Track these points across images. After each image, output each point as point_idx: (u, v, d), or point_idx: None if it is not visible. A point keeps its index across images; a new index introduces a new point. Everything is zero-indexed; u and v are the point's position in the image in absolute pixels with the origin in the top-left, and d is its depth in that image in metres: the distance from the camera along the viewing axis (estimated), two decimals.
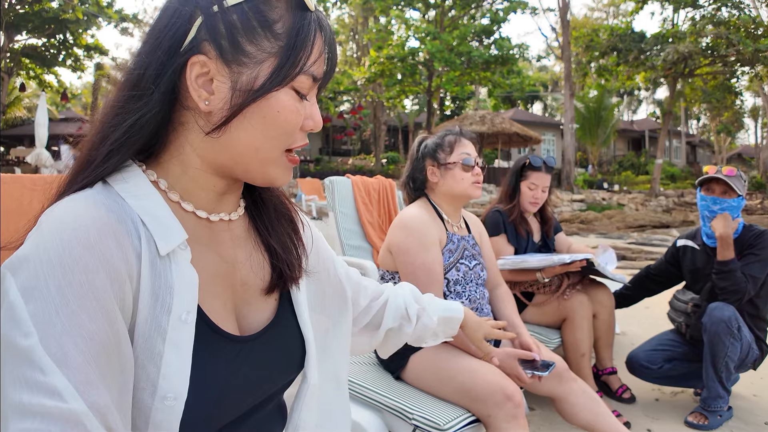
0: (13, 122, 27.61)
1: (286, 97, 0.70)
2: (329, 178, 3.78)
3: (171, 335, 0.63)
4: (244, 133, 0.69)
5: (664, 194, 21.67)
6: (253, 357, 0.75)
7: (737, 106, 29.47)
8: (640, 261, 7.67)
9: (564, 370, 1.91)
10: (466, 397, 1.65)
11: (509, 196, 2.94)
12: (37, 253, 0.55)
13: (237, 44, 0.67)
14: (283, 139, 0.72)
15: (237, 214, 0.81)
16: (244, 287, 0.79)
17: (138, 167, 0.71)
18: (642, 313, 4.58)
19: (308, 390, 0.84)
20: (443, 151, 2.00)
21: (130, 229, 0.64)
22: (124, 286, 0.60)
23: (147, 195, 0.68)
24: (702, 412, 2.59)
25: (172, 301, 0.64)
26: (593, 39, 23.02)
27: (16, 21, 19.72)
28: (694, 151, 41.93)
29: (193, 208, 0.74)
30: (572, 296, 2.71)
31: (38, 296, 0.53)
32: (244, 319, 0.78)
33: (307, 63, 0.70)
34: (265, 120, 0.69)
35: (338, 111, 27.38)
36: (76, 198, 0.63)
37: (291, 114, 0.71)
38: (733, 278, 2.50)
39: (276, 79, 0.68)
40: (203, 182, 0.74)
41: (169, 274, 0.65)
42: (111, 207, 0.63)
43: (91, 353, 0.54)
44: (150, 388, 0.62)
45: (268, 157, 0.72)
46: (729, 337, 2.47)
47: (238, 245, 0.80)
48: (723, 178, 2.59)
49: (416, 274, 1.82)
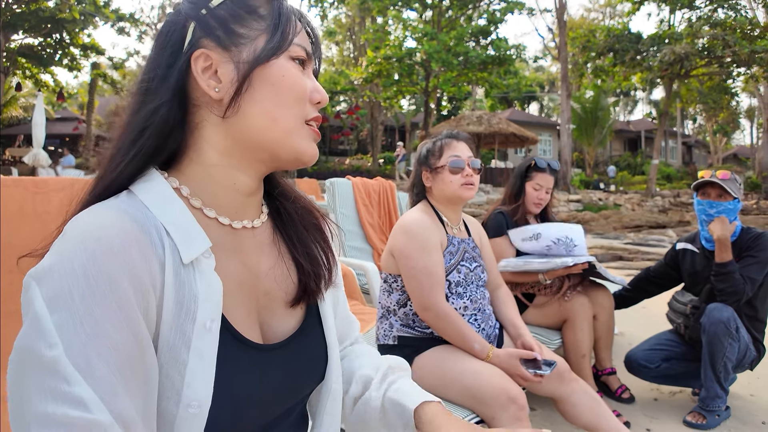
0: (9, 122, 27.52)
1: (287, 63, 0.73)
2: (330, 180, 3.79)
3: (195, 343, 0.63)
4: (258, 106, 0.72)
5: (660, 194, 21.73)
6: (276, 366, 0.75)
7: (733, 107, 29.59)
8: (637, 261, 7.70)
9: (565, 370, 1.94)
10: (470, 399, 1.68)
11: (514, 196, 2.96)
12: (61, 262, 0.56)
13: (230, 30, 0.72)
14: (297, 108, 0.74)
15: (260, 221, 0.81)
16: (268, 296, 0.79)
17: (160, 175, 0.72)
18: (640, 313, 4.62)
19: (330, 395, 0.85)
20: (433, 155, 2.02)
21: (154, 239, 0.64)
22: (148, 296, 0.60)
23: (170, 203, 0.69)
24: (700, 412, 2.62)
25: (197, 310, 0.64)
26: (590, 40, 23.07)
27: (12, 20, 19.64)
28: (690, 152, 42.06)
29: (216, 214, 0.74)
30: (573, 298, 2.73)
31: (63, 306, 0.53)
32: (268, 328, 0.78)
33: (294, 35, 0.74)
34: (273, 87, 0.72)
35: (335, 111, 27.37)
36: (100, 207, 0.64)
37: (296, 78, 0.74)
38: (731, 280, 2.53)
39: (272, 46, 0.72)
40: (225, 181, 0.74)
41: (193, 283, 0.66)
42: (135, 216, 0.63)
43: (115, 363, 0.54)
44: (174, 396, 0.62)
45: (288, 127, 0.73)
46: (727, 337, 2.50)
47: (262, 253, 0.80)
48: (717, 181, 2.62)
49: (418, 277, 1.84)
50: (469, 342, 1.80)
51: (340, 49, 32.54)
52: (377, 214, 4.00)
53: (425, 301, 1.82)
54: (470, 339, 1.80)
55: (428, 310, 1.83)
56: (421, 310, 1.85)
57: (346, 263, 3.15)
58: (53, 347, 0.52)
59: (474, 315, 1.94)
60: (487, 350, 1.80)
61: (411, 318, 1.93)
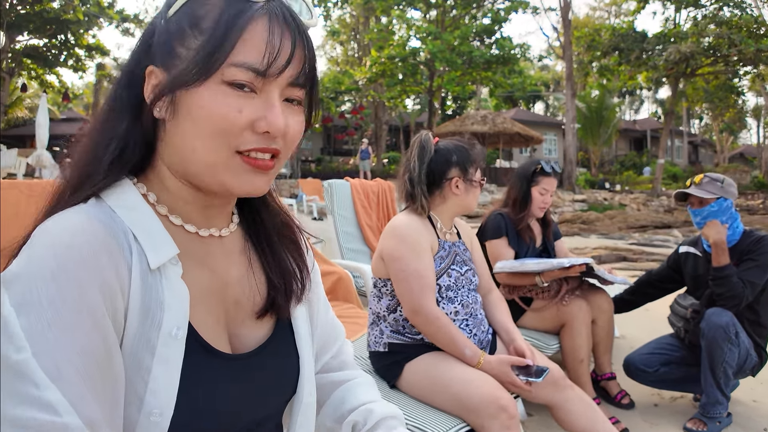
0: (14, 122, 27.67)
1: (209, 92, 0.63)
2: (328, 182, 3.78)
3: (160, 351, 0.63)
4: (179, 134, 0.67)
5: (666, 194, 21.63)
6: (244, 376, 0.73)
7: (739, 106, 29.45)
8: (642, 262, 7.65)
9: (560, 377, 1.90)
10: (460, 407, 1.64)
11: (522, 201, 2.91)
12: (29, 267, 0.55)
13: (170, 49, 0.67)
14: (221, 139, 0.65)
15: (228, 230, 0.79)
16: (237, 306, 0.78)
17: (129, 181, 0.71)
18: (641, 316, 4.56)
19: (301, 408, 0.83)
20: (472, 166, 2.00)
21: (122, 243, 0.63)
22: (115, 301, 0.60)
23: (138, 209, 0.68)
24: (701, 419, 2.58)
25: (163, 316, 0.64)
26: (595, 39, 23.03)
27: (17, 21, 19.77)
28: (696, 151, 41.89)
29: (182, 222, 0.73)
30: (571, 302, 2.70)
31: (31, 311, 0.53)
32: (236, 338, 0.77)
33: (232, 53, 0.63)
34: (191, 116, 0.65)
35: (339, 111, 27.37)
36: (69, 212, 0.63)
37: (218, 109, 0.63)
38: (729, 284, 2.50)
39: (192, 71, 0.63)
40: (181, 194, 0.72)
41: (159, 289, 0.65)
42: (103, 221, 0.63)
43: (84, 367, 0.54)
44: (137, 402, 0.61)
45: (210, 160, 0.66)
46: (726, 342, 2.46)
47: (231, 262, 0.79)
48: (690, 191, 2.66)
49: (408, 281, 1.81)
50: (459, 347, 1.77)
51: (344, 49, 32.58)
52: (375, 215, 3.98)
53: (415, 305, 1.79)
54: (461, 344, 1.77)
55: (418, 314, 1.80)
56: (411, 314, 1.82)
57: (344, 266, 3.13)
58: (21, 351, 0.51)
59: (465, 320, 1.91)
60: (478, 356, 1.77)
61: (401, 324, 1.90)
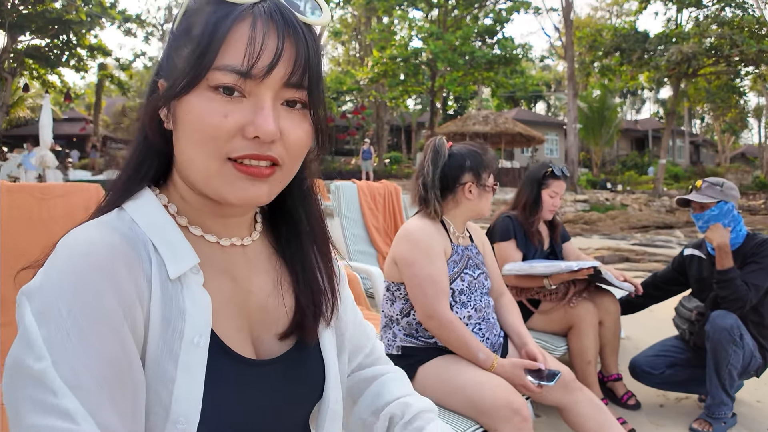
0: (16, 122, 27.69)
1: (197, 99, 0.63)
2: (335, 183, 3.81)
3: (183, 359, 0.63)
4: (180, 143, 0.67)
5: (668, 194, 21.62)
6: (270, 382, 0.73)
7: (741, 106, 29.40)
8: (644, 263, 7.67)
9: (571, 379, 1.93)
10: (473, 410, 1.67)
11: (532, 204, 2.95)
12: (50, 278, 0.57)
13: (170, 60, 0.67)
14: (210, 146, 0.63)
15: (251, 239, 0.79)
16: (262, 312, 0.77)
17: (150, 192, 0.72)
18: (647, 317, 4.57)
19: (328, 415, 0.82)
20: (485, 172, 2.03)
21: (142, 254, 0.64)
22: (134, 311, 0.60)
23: (158, 219, 0.69)
24: (706, 419, 2.61)
25: (184, 325, 0.64)
26: (596, 39, 22.98)
27: (19, 21, 19.76)
28: (697, 151, 41.82)
29: (202, 232, 0.73)
30: (578, 304, 2.72)
31: (51, 320, 0.54)
32: (261, 344, 0.76)
33: (217, 57, 0.61)
34: (183, 126, 0.65)
35: (341, 111, 27.37)
36: (90, 224, 0.64)
37: (204, 115, 0.62)
38: (733, 287, 2.52)
39: (183, 79, 0.63)
40: (196, 204, 0.72)
41: (180, 298, 0.65)
42: (123, 232, 0.64)
43: (102, 376, 0.55)
44: (162, 412, 0.62)
45: (204, 167, 0.65)
46: (731, 345, 2.49)
47: (254, 270, 0.78)
48: (689, 198, 2.71)
49: (422, 285, 1.83)
50: (473, 351, 1.79)
51: (345, 49, 32.60)
52: (382, 217, 4.01)
53: (429, 310, 1.82)
54: (474, 348, 1.79)
55: (432, 319, 1.82)
56: (425, 318, 1.84)
57: (352, 268, 3.16)
58: (41, 360, 0.52)
59: (478, 324, 1.93)
60: (492, 360, 1.79)
61: (414, 327, 1.92)
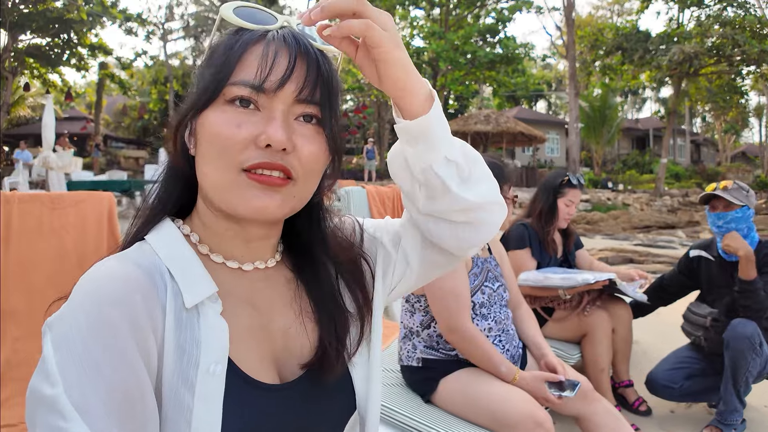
0: (17, 121, 27.66)
1: (213, 113, 0.67)
2: (344, 188, 3.82)
3: (199, 388, 0.63)
4: (200, 161, 0.70)
5: (669, 194, 21.62)
6: (293, 405, 0.73)
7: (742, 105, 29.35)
8: (648, 264, 7.68)
9: (589, 390, 1.93)
10: (496, 423, 1.68)
11: (548, 213, 2.96)
12: (70, 309, 0.59)
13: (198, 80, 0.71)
14: (225, 157, 0.66)
15: (274, 260, 0.80)
16: (286, 339, 0.77)
17: (171, 222, 0.74)
18: (655, 321, 4.57)
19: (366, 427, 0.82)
20: (506, 184, 2.03)
21: (158, 283, 0.65)
22: (147, 341, 0.61)
23: (178, 248, 0.70)
24: (717, 426, 2.62)
25: (200, 354, 0.65)
26: (598, 38, 22.99)
27: (20, 21, 19.70)
28: (698, 150, 41.80)
29: (223, 259, 0.74)
30: (592, 312, 2.74)
31: (65, 349, 0.56)
32: (285, 370, 0.76)
33: (232, 74, 0.66)
34: (201, 142, 0.68)
35: (342, 110, 27.25)
36: (110, 258, 0.67)
37: (220, 127, 0.66)
38: (756, 297, 2.53)
39: (204, 97, 0.67)
40: (220, 229, 0.74)
41: (196, 327, 0.66)
42: (140, 262, 0.66)
43: (112, 403, 0.56)
44: None
45: (219, 179, 0.67)
46: (751, 353, 2.49)
47: (277, 295, 0.79)
48: (719, 194, 2.65)
49: (446, 299, 1.84)
50: (495, 365, 1.80)
51: None
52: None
53: (452, 324, 1.82)
54: (497, 362, 1.80)
55: (455, 333, 1.83)
56: (447, 332, 1.85)
57: None
58: (54, 386, 0.55)
59: (498, 336, 1.94)
60: (513, 372, 1.80)
61: (435, 340, 1.93)
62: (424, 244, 0.87)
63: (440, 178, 0.74)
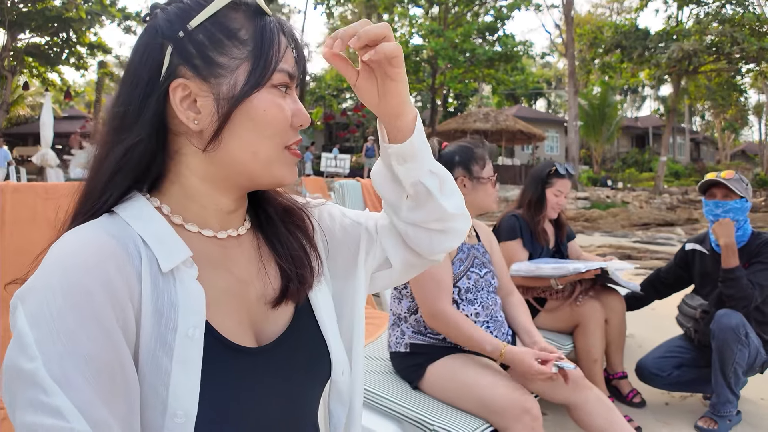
0: (16, 120, 27.67)
1: (269, 96, 0.72)
2: (339, 182, 3.83)
3: (178, 352, 0.64)
4: (239, 140, 0.71)
5: (668, 192, 21.62)
6: (271, 367, 0.75)
7: (741, 104, 29.33)
8: (646, 260, 7.68)
9: (580, 377, 1.92)
10: (484, 409, 1.67)
11: (536, 203, 2.96)
12: (41, 281, 0.58)
13: (209, 59, 0.69)
14: (278, 138, 0.73)
15: (244, 228, 0.82)
16: (259, 302, 0.79)
17: (141, 195, 0.73)
18: (649, 314, 4.58)
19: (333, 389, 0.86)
20: (477, 164, 2.03)
21: (131, 251, 0.65)
22: (125, 308, 0.61)
23: (150, 218, 0.70)
24: (711, 417, 2.62)
25: (177, 318, 0.65)
26: (597, 36, 22.99)
27: (19, 20, 19.70)
28: (698, 148, 41.78)
29: (198, 228, 0.75)
30: (585, 302, 2.73)
31: (41, 322, 0.55)
32: (262, 334, 0.78)
33: (278, 59, 0.72)
34: (254, 122, 0.71)
35: (341, 108, 27.34)
36: (80, 227, 0.66)
37: (277, 110, 0.72)
38: (738, 286, 2.53)
39: (254, 79, 0.70)
40: (207, 203, 0.76)
41: (173, 292, 0.66)
42: (112, 231, 0.65)
43: (92, 373, 0.56)
44: (160, 406, 0.63)
45: (268, 157, 0.74)
46: (737, 343, 2.49)
47: (248, 260, 0.81)
48: (721, 181, 2.63)
49: (425, 284, 1.84)
50: (480, 344, 1.79)
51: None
52: None
53: (432, 308, 1.83)
54: (480, 341, 1.79)
55: (436, 317, 1.83)
56: (428, 317, 1.85)
57: None
58: (33, 360, 0.54)
59: (486, 322, 1.94)
60: (500, 348, 1.77)
61: (422, 324, 1.93)
62: (404, 246, 0.96)
63: (428, 189, 0.85)
